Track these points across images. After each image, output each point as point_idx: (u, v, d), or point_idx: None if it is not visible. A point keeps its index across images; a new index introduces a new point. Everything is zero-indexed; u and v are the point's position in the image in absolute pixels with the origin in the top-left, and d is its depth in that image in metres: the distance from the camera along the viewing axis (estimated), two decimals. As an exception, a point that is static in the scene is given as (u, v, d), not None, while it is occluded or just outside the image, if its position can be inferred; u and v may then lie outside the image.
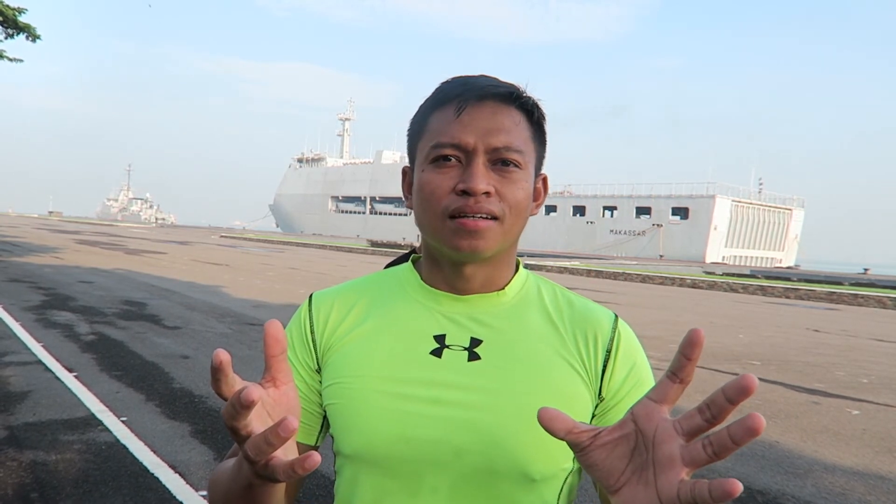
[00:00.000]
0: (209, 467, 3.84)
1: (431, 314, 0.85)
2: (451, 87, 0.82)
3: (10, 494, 3.31)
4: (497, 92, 0.80)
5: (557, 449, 0.77)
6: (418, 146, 0.84)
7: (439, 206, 0.79)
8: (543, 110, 0.85)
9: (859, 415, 6.00)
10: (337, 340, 0.86)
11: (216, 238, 51.72)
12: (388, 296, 0.88)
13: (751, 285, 23.06)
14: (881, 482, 4.25)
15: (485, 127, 0.78)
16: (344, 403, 0.82)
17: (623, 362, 0.84)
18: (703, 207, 51.39)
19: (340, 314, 0.88)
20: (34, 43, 18.84)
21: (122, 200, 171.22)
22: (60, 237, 36.36)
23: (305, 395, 0.87)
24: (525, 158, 0.81)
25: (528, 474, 0.78)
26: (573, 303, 0.88)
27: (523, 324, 0.84)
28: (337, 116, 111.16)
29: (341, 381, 0.83)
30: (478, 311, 0.84)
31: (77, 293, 11.67)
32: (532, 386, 0.79)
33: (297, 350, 0.89)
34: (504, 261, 0.85)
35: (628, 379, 0.83)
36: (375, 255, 36.40)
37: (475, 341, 0.82)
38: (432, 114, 0.82)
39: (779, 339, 10.93)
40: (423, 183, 0.81)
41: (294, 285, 15.72)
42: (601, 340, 0.83)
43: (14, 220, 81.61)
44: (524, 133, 0.81)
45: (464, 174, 0.78)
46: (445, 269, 0.85)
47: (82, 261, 19.60)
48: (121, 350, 7.02)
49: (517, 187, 0.80)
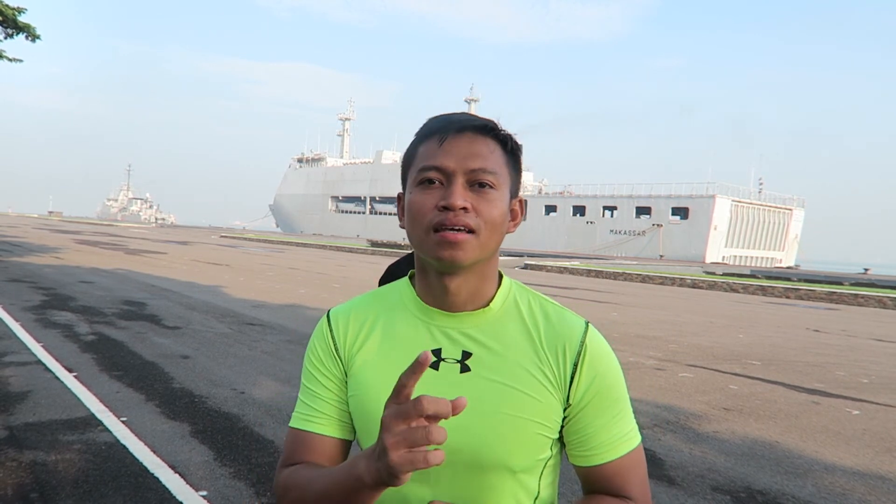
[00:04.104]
0: (209, 467, 3.84)
1: (428, 329, 0.98)
2: (435, 123, 0.95)
3: (10, 494, 3.31)
4: (474, 125, 0.93)
5: (536, 445, 0.94)
6: (409, 172, 0.97)
7: (424, 221, 0.91)
8: (518, 142, 0.98)
9: (859, 415, 6.00)
10: (355, 353, 1.00)
11: (216, 238, 51.71)
12: (392, 311, 1.02)
13: (751, 285, 23.06)
14: (881, 482, 4.25)
15: (463, 153, 0.91)
16: (360, 413, 0.98)
17: (587, 373, 0.96)
18: (702, 207, 51.38)
19: (355, 329, 1.02)
20: (34, 43, 18.81)
21: (122, 200, 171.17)
22: (60, 237, 36.36)
23: (340, 398, 1.01)
24: (499, 180, 0.93)
25: (509, 467, 0.93)
26: (549, 315, 0.99)
27: (505, 338, 0.97)
28: (337, 116, 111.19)
29: (357, 394, 0.98)
30: (467, 326, 0.97)
31: (77, 293, 11.66)
32: (510, 394, 0.94)
33: (326, 362, 1.02)
34: (486, 274, 0.97)
35: (591, 388, 0.96)
36: (376, 256, 36.39)
37: (466, 354, 0.96)
38: (420, 145, 0.96)
39: (779, 339, 10.93)
40: (411, 202, 0.94)
41: (294, 285, 15.72)
42: (569, 354, 0.96)
43: (14, 220, 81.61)
44: (499, 159, 0.94)
45: (445, 193, 0.91)
46: (434, 284, 0.97)
47: (82, 261, 19.60)
48: (121, 350, 7.02)
49: (492, 206, 0.92)
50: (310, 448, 1.00)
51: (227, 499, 3.43)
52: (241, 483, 3.64)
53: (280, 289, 14.60)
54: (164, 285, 13.85)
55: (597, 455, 0.96)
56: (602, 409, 0.96)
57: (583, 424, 0.96)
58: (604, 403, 0.96)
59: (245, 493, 3.51)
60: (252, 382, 5.91)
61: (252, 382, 5.91)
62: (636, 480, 0.97)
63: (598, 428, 0.96)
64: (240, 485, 3.61)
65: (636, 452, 0.98)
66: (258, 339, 8.10)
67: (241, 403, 5.20)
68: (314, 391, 1.02)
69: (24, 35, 18.44)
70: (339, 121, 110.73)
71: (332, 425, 1.01)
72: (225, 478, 3.70)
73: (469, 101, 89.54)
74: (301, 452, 1.00)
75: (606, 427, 0.96)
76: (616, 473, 0.96)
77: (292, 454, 1.00)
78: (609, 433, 0.96)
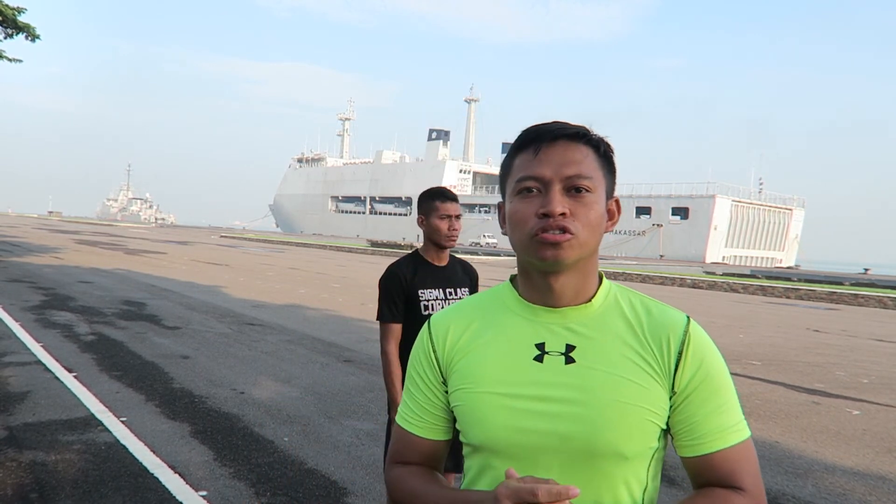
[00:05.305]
0: (209, 467, 3.84)
1: (532, 325, 1.02)
2: (530, 133, 1.00)
3: (10, 494, 3.31)
4: (567, 133, 0.98)
5: (645, 432, 0.96)
6: (507, 183, 1.03)
7: (526, 228, 0.97)
8: (611, 145, 1.02)
9: (860, 415, 6.00)
10: (458, 353, 1.05)
11: (216, 238, 51.72)
12: (494, 313, 1.06)
13: (751, 285, 23.07)
14: (881, 482, 4.25)
15: (558, 161, 0.96)
16: (468, 405, 1.01)
17: (692, 361, 0.98)
18: (702, 207, 51.41)
19: (458, 332, 1.07)
20: (34, 43, 18.83)
21: (122, 200, 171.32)
22: (60, 237, 36.37)
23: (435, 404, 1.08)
24: (594, 184, 0.97)
25: (622, 453, 0.95)
26: (650, 310, 1.03)
27: (608, 330, 1.00)
28: (337, 116, 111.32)
29: (464, 387, 1.02)
30: (570, 321, 1.01)
31: (77, 293, 11.66)
32: (617, 383, 0.96)
33: (426, 368, 1.09)
34: (587, 272, 1.02)
35: (696, 376, 0.98)
36: (376, 255, 36.39)
37: (570, 347, 0.99)
38: (516, 156, 1.01)
39: (779, 339, 10.93)
40: (513, 211, 0.99)
41: (294, 285, 15.72)
42: (674, 343, 0.98)
43: (14, 220, 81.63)
44: (592, 164, 0.98)
45: (543, 200, 0.95)
46: (538, 284, 1.01)
47: (82, 261, 19.60)
48: (120, 350, 7.02)
49: (589, 209, 0.96)
50: (410, 447, 1.10)
51: (226, 499, 3.43)
52: (240, 483, 3.64)
53: (280, 289, 14.60)
54: (164, 285, 13.85)
55: (706, 443, 0.96)
56: (708, 396, 0.97)
57: (690, 412, 0.97)
58: (710, 391, 0.97)
59: (245, 493, 3.50)
60: (252, 382, 5.91)
61: (252, 382, 5.91)
62: (749, 471, 0.96)
63: (706, 415, 0.97)
64: (240, 485, 3.61)
65: (746, 444, 0.98)
66: (258, 340, 8.10)
67: (241, 403, 5.20)
68: (413, 394, 1.10)
69: (24, 35, 18.45)
70: (339, 121, 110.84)
71: (429, 429, 1.09)
72: (225, 478, 3.70)
73: (469, 101, 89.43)
74: (404, 450, 1.11)
75: (714, 415, 0.97)
76: (726, 463, 0.96)
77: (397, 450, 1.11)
78: (717, 421, 0.97)
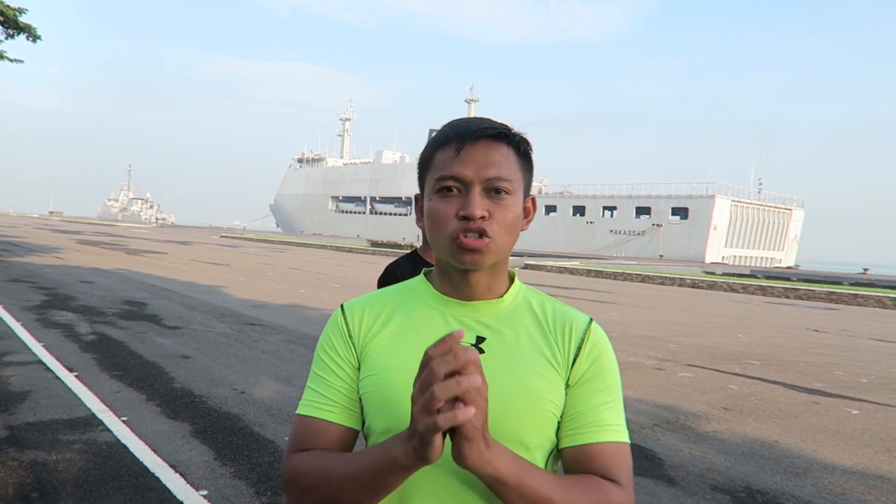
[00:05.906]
0: (209, 467, 3.85)
1: (444, 317, 1.03)
2: (452, 129, 1.00)
3: (11, 494, 3.32)
4: (488, 133, 0.98)
5: (547, 423, 0.99)
6: (426, 178, 1.03)
7: (446, 230, 0.97)
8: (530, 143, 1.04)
9: (859, 415, 6.01)
10: (370, 340, 1.04)
11: (217, 238, 51.72)
12: (408, 304, 1.07)
13: (751, 285, 23.06)
14: (880, 482, 4.26)
15: (480, 162, 0.97)
16: (377, 391, 1.00)
17: (589, 355, 1.02)
18: (702, 207, 51.37)
19: (371, 319, 1.06)
20: (34, 43, 18.86)
21: (123, 200, 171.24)
22: (61, 237, 36.37)
23: (350, 387, 1.03)
24: (514, 186, 0.99)
25: (524, 443, 0.97)
26: (556, 308, 1.07)
27: (517, 325, 1.04)
28: (337, 116, 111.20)
29: (375, 374, 1.01)
30: (481, 314, 1.03)
31: (78, 293, 11.67)
32: (524, 374, 0.99)
33: (340, 350, 1.05)
34: (500, 270, 1.05)
35: (590, 369, 1.02)
36: (376, 255, 36.39)
37: (480, 339, 1.01)
38: (436, 151, 1.01)
39: (779, 339, 10.94)
40: (432, 210, 0.99)
41: (294, 285, 15.73)
42: (575, 337, 1.03)
43: (14, 220, 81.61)
44: (513, 164, 1.00)
45: (464, 202, 0.96)
46: (455, 279, 1.03)
47: (83, 261, 19.61)
48: (121, 350, 7.03)
49: (507, 211, 0.98)
50: (317, 435, 1.01)
51: (227, 498, 3.44)
52: (241, 482, 3.65)
53: (280, 289, 14.61)
54: (165, 285, 13.86)
55: (588, 433, 0.98)
56: (598, 390, 1.01)
57: (577, 401, 1.00)
58: (600, 386, 1.01)
59: (245, 493, 3.51)
60: (252, 382, 5.92)
61: (252, 382, 5.92)
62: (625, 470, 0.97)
63: (592, 407, 0.99)
64: (240, 484, 3.62)
65: (625, 448, 0.99)
66: (258, 339, 8.11)
67: (242, 403, 5.21)
68: (325, 378, 1.03)
69: (25, 35, 18.48)
70: (339, 121, 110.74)
71: (341, 413, 1.02)
72: (225, 477, 3.71)
73: (469, 101, 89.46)
74: (309, 439, 1.01)
75: (600, 408, 1.00)
76: (605, 458, 0.97)
77: (300, 441, 1.01)
78: (602, 415, 0.99)
